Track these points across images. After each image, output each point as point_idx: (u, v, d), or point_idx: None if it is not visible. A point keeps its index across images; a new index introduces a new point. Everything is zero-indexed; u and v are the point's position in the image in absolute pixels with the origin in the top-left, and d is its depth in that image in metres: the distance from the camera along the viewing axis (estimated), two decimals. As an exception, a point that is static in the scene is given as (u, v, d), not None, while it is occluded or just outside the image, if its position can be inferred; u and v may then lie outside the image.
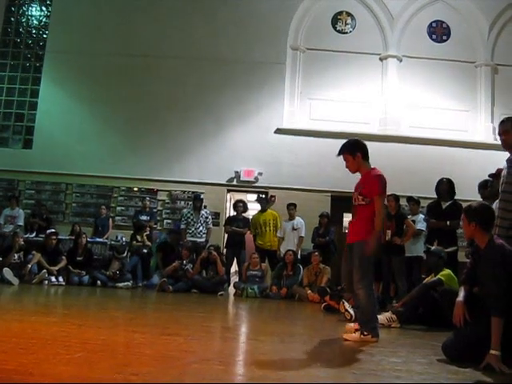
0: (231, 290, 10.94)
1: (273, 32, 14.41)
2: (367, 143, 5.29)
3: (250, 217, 11.96)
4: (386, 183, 5.05)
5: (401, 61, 14.50)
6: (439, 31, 14.81)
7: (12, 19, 15.58)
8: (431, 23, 14.80)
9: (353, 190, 5.28)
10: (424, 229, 9.11)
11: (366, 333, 4.91)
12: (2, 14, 15.31)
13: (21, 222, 12.31)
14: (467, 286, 4.30)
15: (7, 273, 9.71)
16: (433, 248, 7.71)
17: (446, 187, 8.61)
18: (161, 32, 14.48)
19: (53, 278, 10.14)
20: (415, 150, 13.75)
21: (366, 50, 14.49)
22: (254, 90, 14.23)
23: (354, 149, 5.21)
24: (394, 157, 13.40)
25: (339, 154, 5.28)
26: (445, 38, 14.77)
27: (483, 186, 7.44)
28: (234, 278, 12.10)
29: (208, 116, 14.16)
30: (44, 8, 15.64)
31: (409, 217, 9.47)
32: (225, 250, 11.80)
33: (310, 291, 9.85)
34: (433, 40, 14.72)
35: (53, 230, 11.20)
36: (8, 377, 2.63)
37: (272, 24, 14.43)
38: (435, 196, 8.81)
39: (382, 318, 6.21)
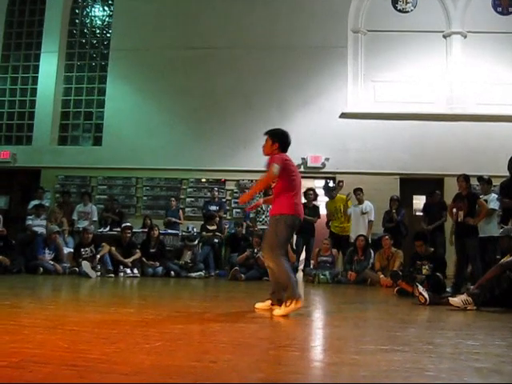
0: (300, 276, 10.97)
1: (332, 16, 14.31)
2: (434, 123, 5.25)
3: (320, 204, 12.04)
4: (285, 160, 5.75)
5: (465, 37, 14.11)
6: (504, 3, 14.34)
7: (77, 21, 16.03)
8: (495, -5, 14.34)
9: (421, 172, 5.23)
10: (497, 208, 8.86)
11: (288, 302, 5.04)
12: (67, 16, 15.74)
13: (95, 218, 12.69)
14: None
15: (85, 266, 10.03)
16: (502, 229, 7.51)
17: (517, 165, 8.35)
18: (219, 23, 14.63)
19: (128, 270, 10.44)
20: (484, 128, 13.37)
21: (428, 28, 14.18)
22: (315, 75, 14.19)
23: (277, 137, 5.87)
24: (462, 136, 13.13)
25: (265, 134, 5.91)
26: (511, 9, 14.27)
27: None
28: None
29: (271, 103, 14.22)
30: (106, 8, 16.01)
31: (481, 196, 9.22)
32: (295, 237, 11.83)
33: (382, 276, 9.79)
34: (498, 13, 14.28)
35: (128, 224, 11.48)
36: (92, 365, 2.73)
37: (331, 8, 14.33)
38: (507, 174, 8.56)
39: (458, 300, 6.11)
